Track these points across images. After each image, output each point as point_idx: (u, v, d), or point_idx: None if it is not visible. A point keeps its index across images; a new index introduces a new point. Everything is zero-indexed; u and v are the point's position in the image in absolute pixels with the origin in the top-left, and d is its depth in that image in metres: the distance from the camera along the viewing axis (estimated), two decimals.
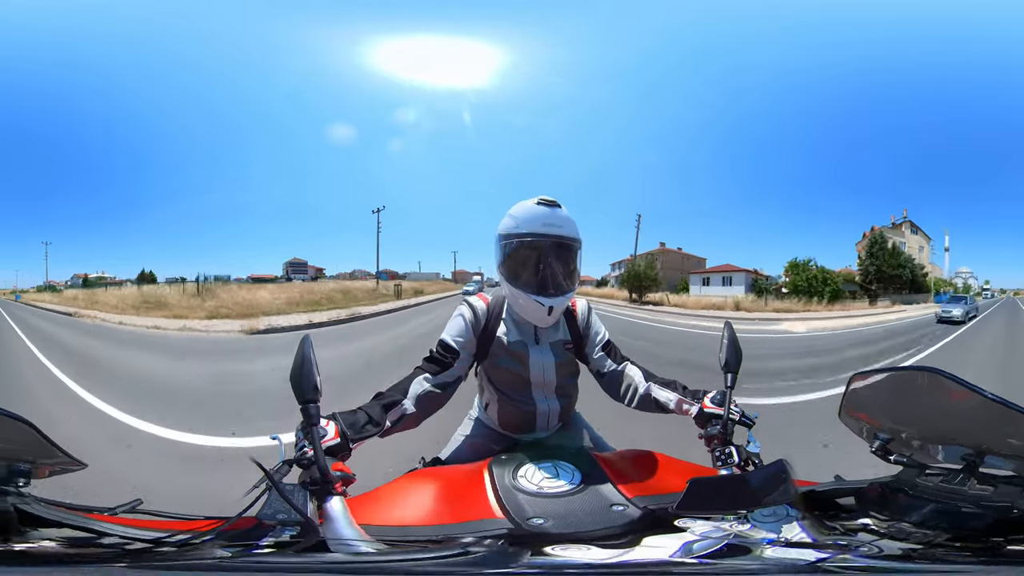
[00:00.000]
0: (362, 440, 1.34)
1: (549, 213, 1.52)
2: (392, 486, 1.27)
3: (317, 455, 1.12)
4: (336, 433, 1.26)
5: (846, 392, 1.19)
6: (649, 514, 1.10)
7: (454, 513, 1.13)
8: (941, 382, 0.96)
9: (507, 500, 1.13)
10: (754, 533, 1.01)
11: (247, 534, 1.00)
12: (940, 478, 1.02)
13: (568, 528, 1.06)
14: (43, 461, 1.19)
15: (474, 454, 1.71)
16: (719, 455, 1.42)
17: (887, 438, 1.12)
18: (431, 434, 1.83)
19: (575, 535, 1.04)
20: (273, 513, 1.00)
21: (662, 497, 1.14)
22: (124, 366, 9.51)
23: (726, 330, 1.58)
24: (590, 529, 1.07)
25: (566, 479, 1.22)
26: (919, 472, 1.06)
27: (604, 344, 1.75)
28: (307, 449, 1.14)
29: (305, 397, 1.16)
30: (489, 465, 1.28)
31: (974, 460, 0.98)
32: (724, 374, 1.52)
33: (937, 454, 1.07)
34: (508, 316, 1.66)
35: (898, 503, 1.06)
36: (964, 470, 0.99)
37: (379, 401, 1.45)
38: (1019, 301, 32.90)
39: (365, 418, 1.36)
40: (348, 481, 1.17)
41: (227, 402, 6.13)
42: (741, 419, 1.49)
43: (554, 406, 1.69)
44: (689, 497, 0.98)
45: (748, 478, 1.12)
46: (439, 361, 1.59)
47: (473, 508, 1.13)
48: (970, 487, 0.97)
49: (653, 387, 1.67)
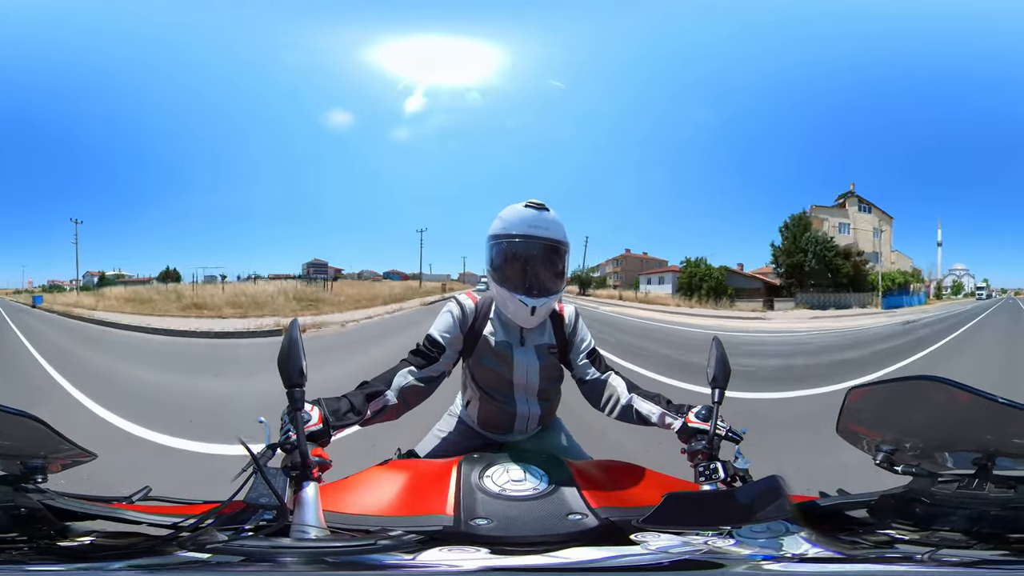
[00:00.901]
0: (342, 428, 1.35)
1: (536, 216, 1.55)
2: (364, 475, 1.30)
3: (300, 440, 1.13)
4: (320, 419, 1.27)
5: (843, 407, 1.18)
6: (608, 525, 1.08)
7: (410, 507, 1.14)
8: (941, 388, 0.95)
9: (464, 499, 1.14)
10: (738, 549, 0.97)
11: (236, 518, 1.03)
12: (956, 485, 1.00)
13: (506, 532, 1.05)
14: (54, 456, 1.20)
15: (450, 450, 1.73)
16: (703, 470, 1.39)
17: (891, 449, 1.11)
18: (412, 425, 1.83)
19: (508, 539, 1.03)
20: (257, 496, 1.03)
21: (630, 510, 1.11)
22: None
23: (714, 346, 1.56)
24: (529, 534, 1.05)
25: (532, 483, 1.20)
26: (932, 481, 1.03)
27: (589, 352, 1.75)
28: (291, 433, 1.16)
29: (291, 381, 1.17)
30: (460, 463, 1.28)
31: (985, 464, 0.97)
32: (712, 389, 1.50)
33: (946, 461, 1.05)
34: (495, 316, 1.67)
35: (917, 512, 1.04)
36: (977, 474, 0.98)
37: (363, 390, 1.47)
38: (1021, 302, 28.93)
39: (348, 406, 1.38)
40: (324, 467, 1.19)
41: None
42: (728, 434, 1.46)
43: (535, 409, 1.70)
44: (662, 511, 0.95)
45: (736, 494, 1.10)
46: (425, 355, 1.61)
47: (427, 503, 1.15)
48: (989, 491, 0.96)
49: (636, 399, 1.66)
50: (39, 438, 1.10)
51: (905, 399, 1.04)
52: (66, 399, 6.17)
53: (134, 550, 0.98)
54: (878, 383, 1.08)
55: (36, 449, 1.13)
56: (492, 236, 1.60)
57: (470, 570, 0.95)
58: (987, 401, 0.88)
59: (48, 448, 1.15)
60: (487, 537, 1.03)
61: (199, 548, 0.95)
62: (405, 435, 1.93)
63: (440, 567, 0.95)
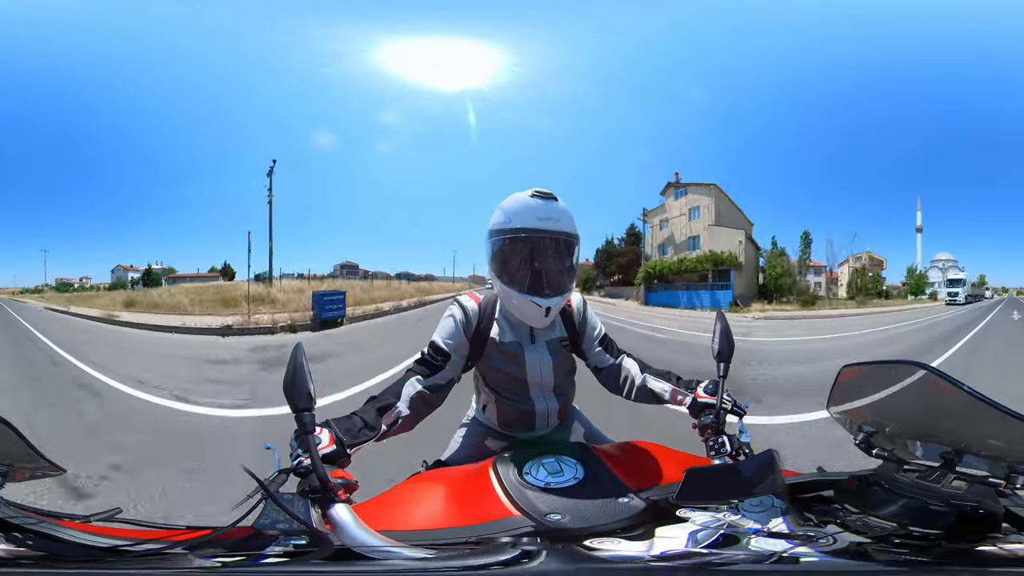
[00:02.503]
0: (359, 445, 1.30)
1: (544, 206, 1.44)
2: (397, 490, 1.25)
3: (314, 463, 1.08)
4: (331, 440, 1.21)
5: (835, 384, 1.18)
6: (652, 505, 1.10)
7: (469, 514, 1.11)
8: (928, 378, 0.94)
9: (519, 498, 1.12)
10: (743, 523, 1.01)
11: (242, 544, 0.96)
12: (917, 474, 1.00)
13: (585, 522, 1.06)
14: (22, 465, 1.14)
15: (475, 454, 1.68)
16: (712, 444, 1.42)
17: (871, 431, 1.10)
18: (429, 437, 1.80)
19: (593, 529, 1.05)
20: (272, 523, 0.97)
21: (661, 488, 1.15)
22: None
23: (719, 320, 1.56)
24: (604, 522, 1.06)
25: (570, 474, 1.22)
26: (898, 467, 1.03)
27: (601, 339, 1.72)
28: (303, 458, 1.11)
29: (299, 406, 1.12)
30: (493, 464, 1.27)
31: (952, 458, 0.95)
32: (717, 364, 1.51)
33: (916, 450, 1.04)
34: (501, 316, 1.60)
35: (873, 497, 1.05)
36: (942, 467, 0.97)
37: (373, 405, 1.41)
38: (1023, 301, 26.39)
39: (360, 423, 1.32)
40: (351, 488, 1.14)
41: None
42: (733, 408, 1.48)
43: (552, 405, 1.66)
44: (686, 487, 0.98)
45: (740, 467, 1.12)
46: (430, 363, 1.54)
47: (487, 508, 1.12)
48: (945, 485, 0.95)
49: (648, 378, 1.66)
50: (7, 445, 1.06)
51: (892, 383, 1.03)
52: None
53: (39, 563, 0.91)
54: (870, 363, 1.07)
55: (1, 456, 1.08)
56: (495, 230, 1.48)
57: (615, 562, 0.95)
58: (969, 397, 0.86)
59: (14, 457, 1.10)
60: (574, 531, 1.04)
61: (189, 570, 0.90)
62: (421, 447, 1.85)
63: (579, 565, 0.92)
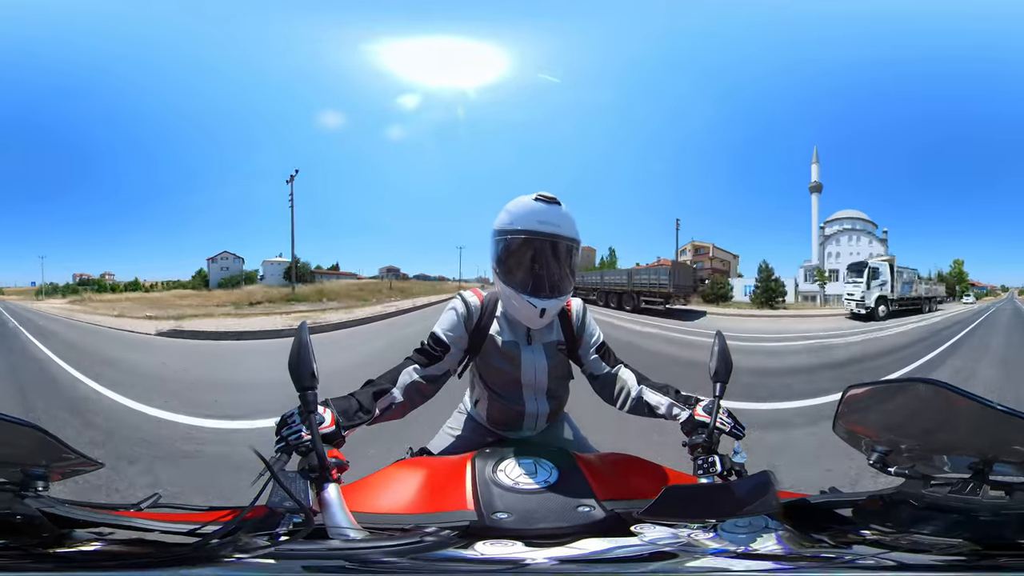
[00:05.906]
0: (353, 428, 1.34)
1: (546, 210, 1.47)
2: (383, 474, 1.30)
3: (316, 443, 1.14)
4: (332, 420, 1.25)
5: (840, 404, 1.19)
6: (614, 516, 1.11)
7: (432, 503, 1.16)
8: (941, 393, 0.96)
9: (482, 493, 1.17)
10: (707, 543, 1.00)
11: (262, 523, 1.02)
12: (948, 488, 1.02)
13: (527, 524, 1.09)
14: (56, 464, 1.21)
15: (459, 446, 1.72)
16: (701, 463, 1.40)
17: (885, 450, 1.13)
18: (422, 423, 1.86)
19: (530, 531, 1.07)
20: (280, 501, 1.03)
21: (635, 502, 1.13)
22: None
23: (717, 340, 1.56)
24: (546, 526, 1.09)
25: (543, 476, 1.24)
26: (924, 483, 1.06)
27: (599, 346, 1.71)
28: (304, 434, 1.16)
29: (303, 384, 1.17)
30: (473, 458, 1.30)
31: (982, 468, 0.99)
32: (713, 384, 1.50)
33: (943, 465, 1.07)
34: (502, 315, 1.63)
35: (903, 515, 1.05)
36: (973, 479, 1.00)
37: (369, 389, 1.44)
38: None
39: (356, 405, 1.36)
40: (342, 468, 1.18)
41: None
42: (731, 430, 1.47)
43: (543, 407, 1.67)
44: (660, 503, 0.97)
45: (730, 487, 1.13)
46: (429, 354, 1.58)
47: (448, 499, 1.17)
48: (983, 495, 0.98)
49: (645, 390, 1.65)
50: (40, 447, 1.12)
51: (903, 401, 1.06)
52: None
53: (154, 559, 0.97)
54: (876, 383, 1.10)
55: (37, 458, 1.14)
56: (498, 231, 1.52)
57: (512, 560, 0.98)
58: (986, 408, 0.90)
59: (50, 457, 1.16)
60: (508, 530, 1.07)
61: (226, 554, 0.94)
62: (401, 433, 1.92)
63: (487, 558, 0.99)
